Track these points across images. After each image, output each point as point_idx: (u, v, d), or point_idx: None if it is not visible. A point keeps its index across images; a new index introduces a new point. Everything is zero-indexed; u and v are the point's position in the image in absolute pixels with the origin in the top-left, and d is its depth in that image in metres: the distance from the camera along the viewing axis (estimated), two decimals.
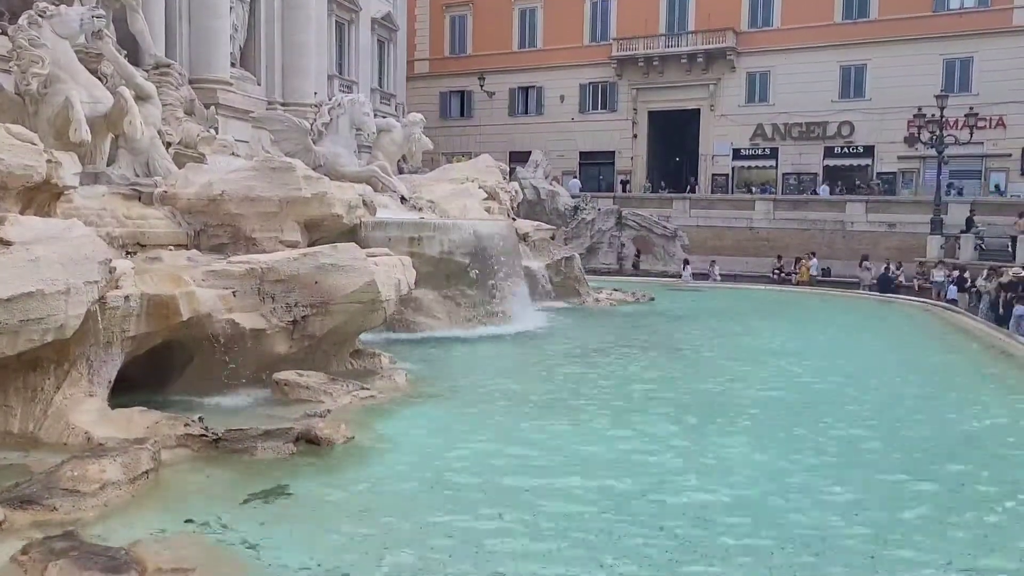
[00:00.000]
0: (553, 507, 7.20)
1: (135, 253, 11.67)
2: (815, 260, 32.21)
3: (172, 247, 12.50)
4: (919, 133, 34.01)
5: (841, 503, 7.36)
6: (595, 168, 47.02)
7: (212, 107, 21.01)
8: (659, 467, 8.39)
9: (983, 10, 37.91)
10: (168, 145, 14.97)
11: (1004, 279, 21.35)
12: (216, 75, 24.20)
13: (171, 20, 23.67)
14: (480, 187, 24.42)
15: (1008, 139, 37.51)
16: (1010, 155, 37.63)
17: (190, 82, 21.12)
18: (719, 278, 32.43)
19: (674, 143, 45.45)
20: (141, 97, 13.97)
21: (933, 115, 32.20)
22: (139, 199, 13.14)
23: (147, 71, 17.18)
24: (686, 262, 33.43)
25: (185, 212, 13.35)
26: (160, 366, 10.46)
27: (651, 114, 45.60)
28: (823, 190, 39.82)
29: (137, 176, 13.67)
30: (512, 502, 7.26)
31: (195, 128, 17.60)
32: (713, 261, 33.76)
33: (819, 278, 32.05)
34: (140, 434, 8.25)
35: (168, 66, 18.28)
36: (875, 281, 29.86)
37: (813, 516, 7.04)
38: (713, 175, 43.61)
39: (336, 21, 36.14)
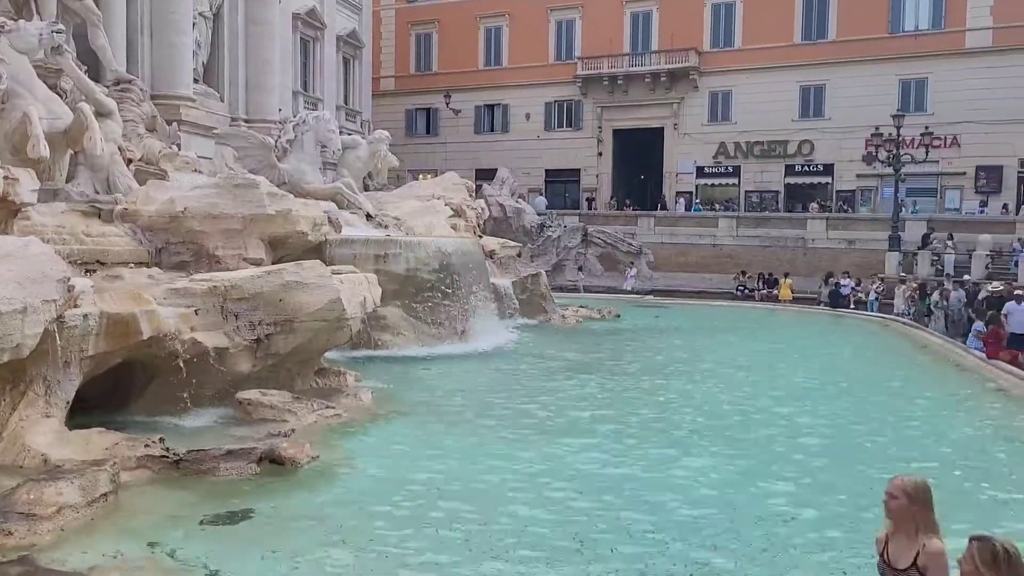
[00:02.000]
0: (516, 527, 7.19)
1: (95, 271, 11.49)
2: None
3: (133, 265, 12.32)
4: (876, 152, 34.65)
5: None
6: (561, 185, 47.22)
7: (175, 123, 20.80)
8: (622, 489, 8.39)
9: (937, 32, 38.82)
10: (129, 162, 14.76)
11: (982, 294, 21.48)
12: (179, 91, 23.95)
13: (133, 36, 23.40)
14: (446, 204, 24.44)
15: (962, 158, 38.37)
16: (964, 173, 38.48)
17: (152, 98, 20.88)
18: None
19: (639, 161, 45.86)
20: (101, 113, 13.79)
21: (890, 134, 32.83)
22: (99, 216, 12.94)
23: (108, 87, 16.96)
24: (631, 264, 35.34)
25: (146, 229, 13.18)
26: (120, 386, 10.29)
27: (616, 132, 45.98)
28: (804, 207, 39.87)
29: (97, 193, 13.46)
30: (474, 524, 7.22)
31: (157, 145, 17.40)
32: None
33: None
34: (99, 455, 8.10)
35: (129, 82, 18.06)
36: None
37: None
38: (677, 192, 44.04)
39: (301, 38, 36.00)
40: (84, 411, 9.38)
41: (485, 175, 41.90)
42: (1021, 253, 27.70)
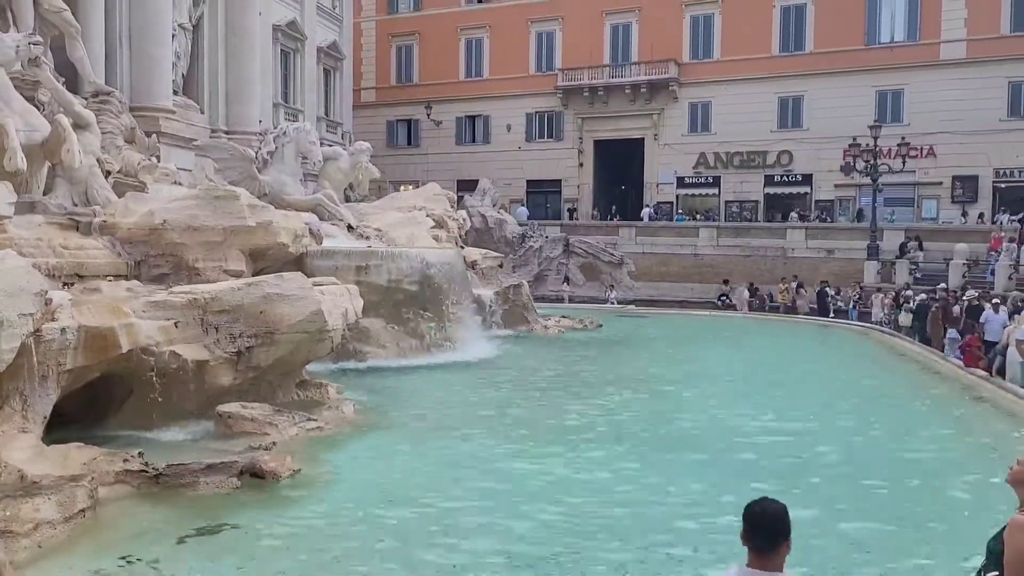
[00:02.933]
0: (499, 542, 7.16)
1: (72, 284, 11.38)
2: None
3: (111, 278, 12.22)
4: (854, 162, 35.01)
5: None
6: (542, 196, 47.31)
7: (154, 135, 20.64)
8: (612, 501, 8.38)
9: (912, 44, 39.34)
10: (108, 174, 14.66)
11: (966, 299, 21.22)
12: (158, 103, 23.80)
13: (111, 47, 23.26)
14: (428, 215, 24.42)
15: (938, 168, 38.81)
16: (941, 183, 38.93)
17: (131, 110, 20.75)
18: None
19: (620, 171, 46.06)
20: (80, 125, 13.69)
21: (867, 144, 33.19)
22: (77, 229, 12.83)
23: (86, 99, 16.84)
24: (611, 286, 35.42)
25: (125, 242, 13.08)
26: (98, 400, 10.18)
27: (597, 143, 46.17)
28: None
29: (75, 205, 13.35)
30: (458, 538, 7.18)
31: (136, 156, 17.27)
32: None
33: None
34: (77, 471, 7.99)
35: (108, 94, 17.94)
36: (813, 306, 30.53)
37: None
38: (658, 203, 44.27)
39: (281, 49, 35.91)
40: (62, 426, 9.27)
41: (467, 186, 41.92)
42: (997, 262, 28.01)
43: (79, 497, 7.15)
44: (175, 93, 25.50)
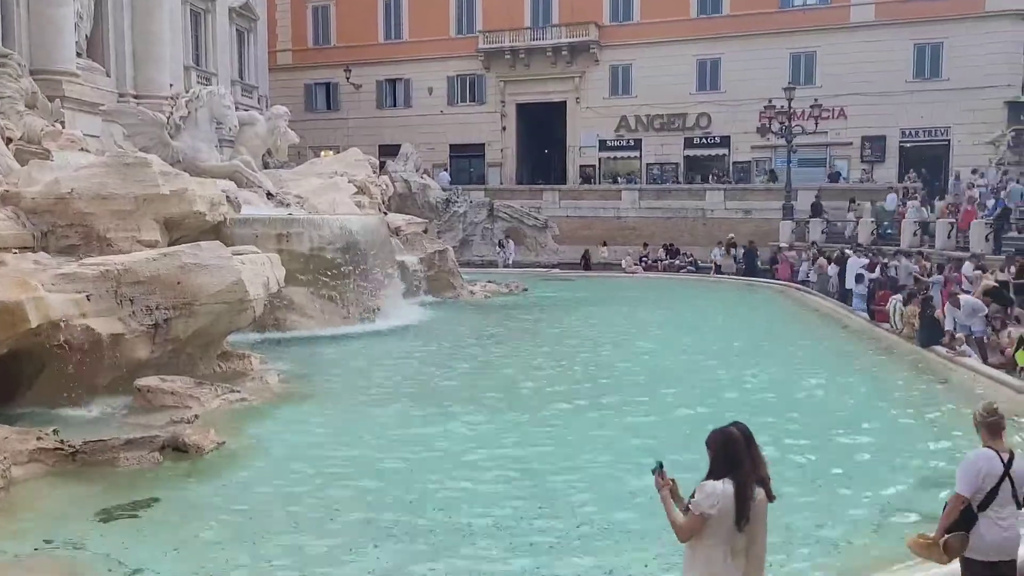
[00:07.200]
0: (421, 509, 7.22)
1: None
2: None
3: (16, 250, 11.68)
4: (770, 123, 35.83)
5: None
6: (465, 160, 47.05)
7: (57, 100, 19.76)
8: (541, 472, 8.50)
9: (824, 7, 40.28)
10: (8, 141, 13.98)
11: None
12: (60, 66, 22.70)
13: (7, 7, 22.03)
14: (350, 181, 24.08)
15: (849, 129, 40.02)
16: (851, 143, 40.21)
17: (32, 73, 19.75)
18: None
19: (543, 135, 46.10)
20: None
21: (782, 106, 34.04)
22: None
23: None
24: (499, 244, 35.91)
25: (30, 212, 12.50)
26: (8, 377, 9.81)
27: (519, 106, 46.01)
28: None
29: None
30: (380, 506, 7.19)
31: (39, 122, 16.51)
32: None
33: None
34: None
35: (6, 56, 17.06)
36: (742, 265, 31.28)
37: None
38: (581, 166, 44.52)
39: (191, 9, 34.46)
40: None
41: (389, 151, 41.38)
42: (903, 220, 29.04)
43: None
44: (78, 55, 24.36)
